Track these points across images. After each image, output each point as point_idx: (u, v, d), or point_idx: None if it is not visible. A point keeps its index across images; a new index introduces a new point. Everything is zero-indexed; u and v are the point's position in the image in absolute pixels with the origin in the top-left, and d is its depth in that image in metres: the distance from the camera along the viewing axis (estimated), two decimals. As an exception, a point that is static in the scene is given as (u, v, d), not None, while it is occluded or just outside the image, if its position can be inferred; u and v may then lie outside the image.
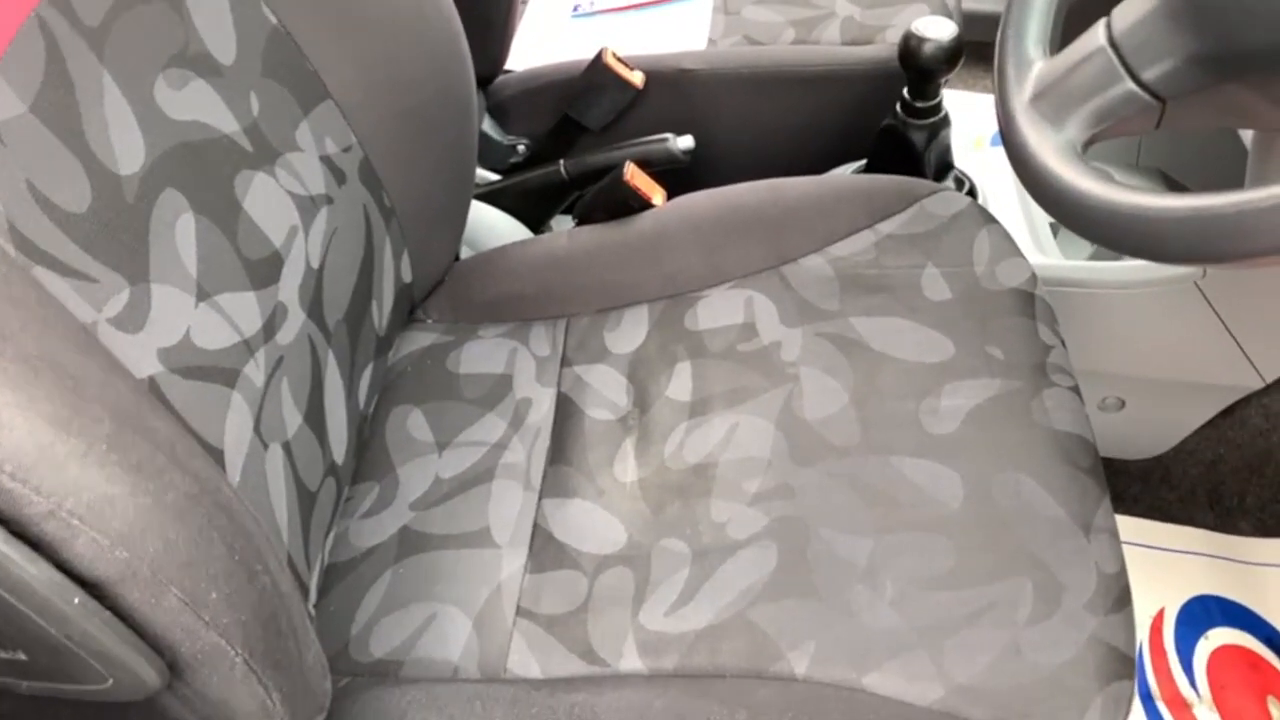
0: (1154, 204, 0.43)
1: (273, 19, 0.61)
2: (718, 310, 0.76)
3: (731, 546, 0.63)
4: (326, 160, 0.64)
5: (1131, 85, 0.50)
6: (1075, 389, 0.68)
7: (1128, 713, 0.54)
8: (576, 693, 0.58)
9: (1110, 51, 0.51)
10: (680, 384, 0.73)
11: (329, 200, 0.64)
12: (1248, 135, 0.75)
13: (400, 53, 0.69)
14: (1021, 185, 0.54)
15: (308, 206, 0.62)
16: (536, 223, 0.96)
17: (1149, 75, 0.49)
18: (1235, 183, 0.83)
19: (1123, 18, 0.51)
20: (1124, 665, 0.55)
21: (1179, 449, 1.04)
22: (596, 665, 0.60)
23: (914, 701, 0.54)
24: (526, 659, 0.61)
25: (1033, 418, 0.66)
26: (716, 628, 0.59)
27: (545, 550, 0.66)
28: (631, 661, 0.59)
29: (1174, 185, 0.98)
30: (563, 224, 0.99)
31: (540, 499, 0.69)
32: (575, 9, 1.10)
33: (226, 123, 0.56)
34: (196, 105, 0.54)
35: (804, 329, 0.73)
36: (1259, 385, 0.95)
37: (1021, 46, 0.56)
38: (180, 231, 0.51)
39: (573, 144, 0.97)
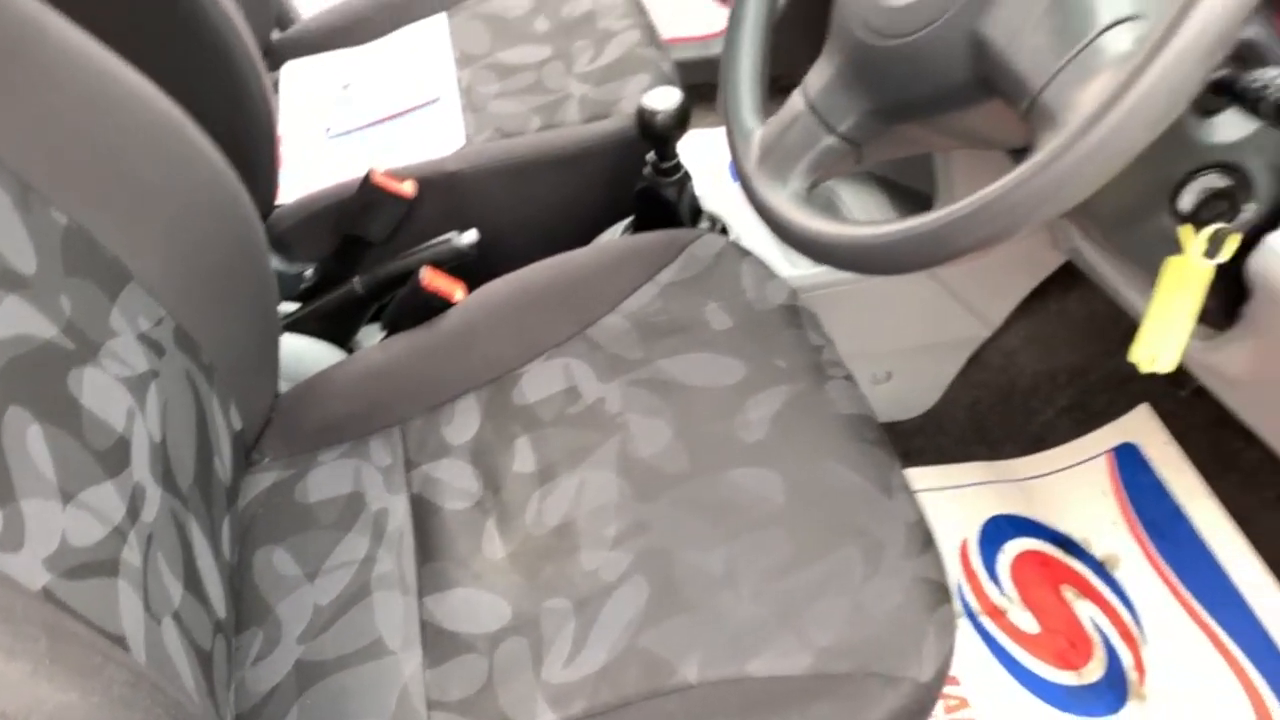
0: (871, 233, 0.55)
1: (63, 219, 0.63)
2: (540, 382, 0.83)
3: (607, 589, 0.70)
4: (143, 338, 0.67)
5: (831, 139, 0.62)
6: (849, 376, 0.80)
7: (954, 630, 0.66)
8: (505, 760, 0.63)
9: (810, 114, 0.63)
10: (524, 458, 0.79)
11: (155, 374, 0.67)
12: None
13: (188, 220, 0.73)
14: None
15: (138, 386, 0.64)
16: (344, 340, 1.00)
17: (843, 128, 0.61)
18: (927, 170, 1.01)
19: (813, 84, 0.63)
20: (943, 593, 0.66)
21: (944, 400, 1.21)
22: (516, 731, 0.65)
23: (791, 673, 0.63)
24: (451, 746, 0.65)
25: (822, 410, 0.77)
26: (612, 663, 0.66)
27: (438, 643, 0.70)
28: (546, 718, 0.65)
29: (885, 184, 1.14)
30: (370, 333, 1.03)
31: (421, 598, 0.73)
32: (328, 131, 1.14)
33: (44, 329, 0.58)
34: (13, 320, 0.56)
35: (619, 381, 0.82)
36: (989, 332, 1.13)
37: (741, 120, 0.67)
38: (32, 444, 0.53)
39: (360, 259, 1.02)
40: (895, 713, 0.61)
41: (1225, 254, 0.57)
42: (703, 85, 1.09)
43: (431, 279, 0.88)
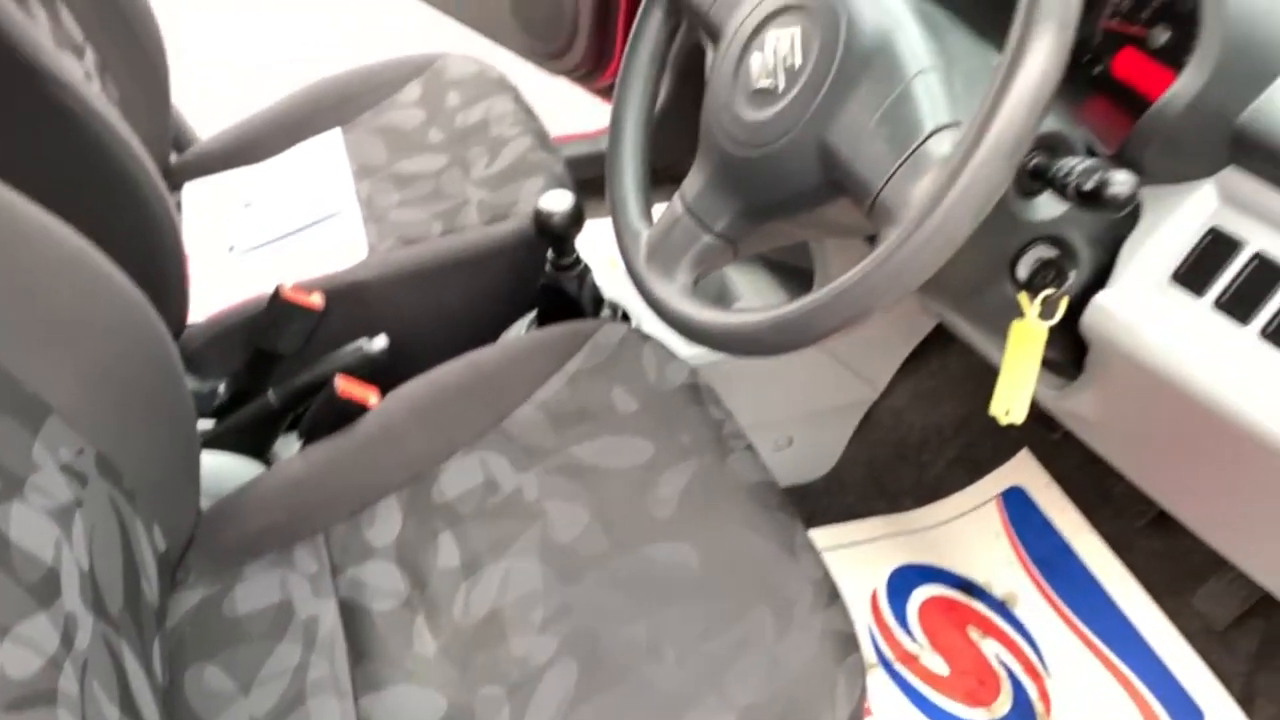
0: (748, 320, 0.61)
1: (-18, 360, 0.64)
2: (458, 478, 0.87)
3: (538, 672, 0.73)
4: (66, 468, 0.68)
5: (709, 237, 0.68)
6: (749, 447, 0.86)
7: (864, 675, 0.70)
8: None
9: (688, 216, 0.69)
10: (448, 553, 0.82)
11: (79, 503, 0.68)
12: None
13: (103, 349, 0.75)
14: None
15: (63, 516, 0.65)
16: (261, 452, 1.01)
17: (718, 228, 0.68)
18: (807, 251, 1.09)
19: (689, 190, 0.70)
20: (850, 643, 0.71)
21: (843, 460, 1.28)
22: (460, 819, 0.67)
23: None
24: (397, 842, 0.66)
25: (728, 481, 0.82)
26: (549, 744, 0.69)
27: None
28: (489, 803, 0.67)
29: (771, 264, 1.23)
30: (287, 443, 1.04)
31: (357, 700, 0.75)
32: (232, 249, 1.17)
33: (-31, 469, 0.59)
34: (-62, 463, 0.57)
35: (535, 470, 0.86)
36: (877, 394, 1.21)
37: (629, 223, 0.73)
38: (-36, 583, 0.54)
39: (272, 371, 1.04)
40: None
41: (1058, 315, 0.65)
42: (596, 179, 1.15)
43: (345, 386, 0.91)
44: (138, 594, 0.72)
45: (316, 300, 1.02)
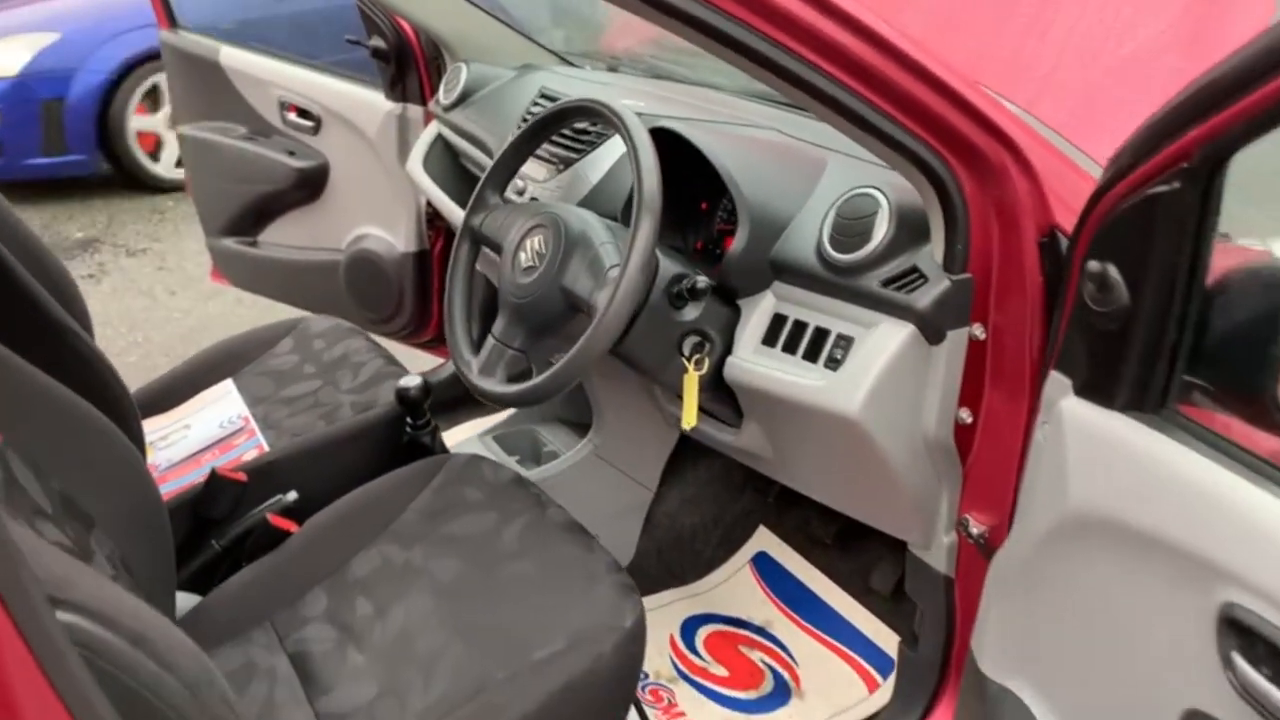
0: (530, 385, 1.05)
1: (58, 485, 0.96)
2: (364, 565, 1.19)
3: (439, 651, 1.05)
4: (109, 558, 0.98)
5: (511, 351, 1.13)
6: (559, 506, 1.25)
7: (641, 607, 1.08)
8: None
9: (497, 342, 1.14)
10: (364, 607, 1.14)
11: (116, 579, 0.98)
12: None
13: (122, 491, 1.07)
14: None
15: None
16: (206, 589, 1.29)
17: (515, 345, 1.13)
18: (589, 409, 1.55)
19: (496, 328, 1.15)
20: (631, 589, 1.09)
21: (639, 554, 1.67)
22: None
23: (557, 648, 1.02)
24: None
25: (547, 523, 1.21)
26: (450, 689, 1.01)
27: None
28: (418, 729, 0.98)
29: (569, 423, 1.67)
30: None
31: (312, 704, 1.03)
32: (157, 468, 1.48)
33: (69, 545, 0.91)
34: (52, 534, 0.89)
35: (418, 547, 1.20)
36: (651, 494, 1.63)
37: (463, 355, 1.17)
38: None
39: (208, 534, 1.34)
40: (618, 645, 1.02)
41: (705, 367, 1.13)
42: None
43: (275, 520, 1.24)
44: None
45: (241, 475, 1.36)
